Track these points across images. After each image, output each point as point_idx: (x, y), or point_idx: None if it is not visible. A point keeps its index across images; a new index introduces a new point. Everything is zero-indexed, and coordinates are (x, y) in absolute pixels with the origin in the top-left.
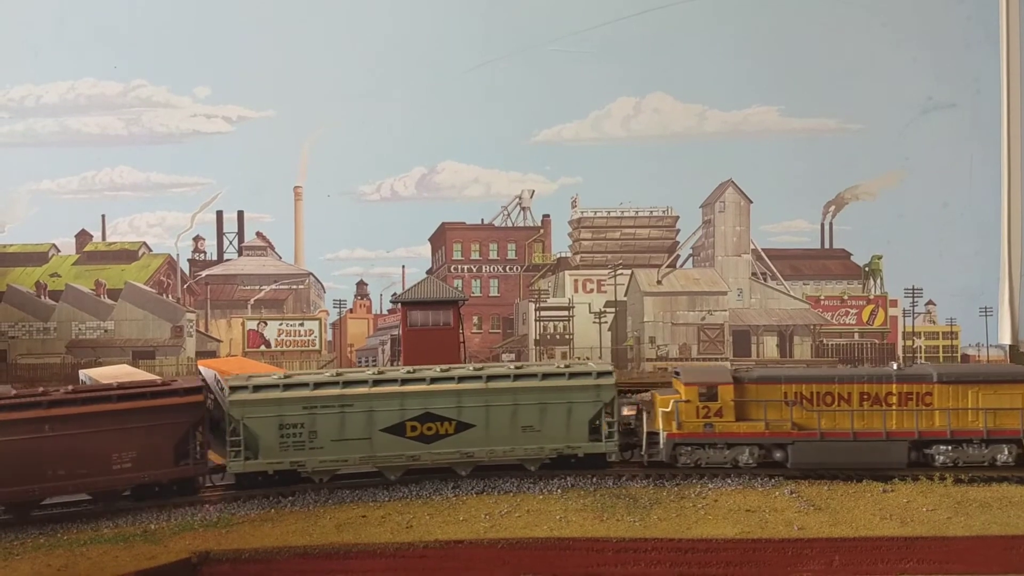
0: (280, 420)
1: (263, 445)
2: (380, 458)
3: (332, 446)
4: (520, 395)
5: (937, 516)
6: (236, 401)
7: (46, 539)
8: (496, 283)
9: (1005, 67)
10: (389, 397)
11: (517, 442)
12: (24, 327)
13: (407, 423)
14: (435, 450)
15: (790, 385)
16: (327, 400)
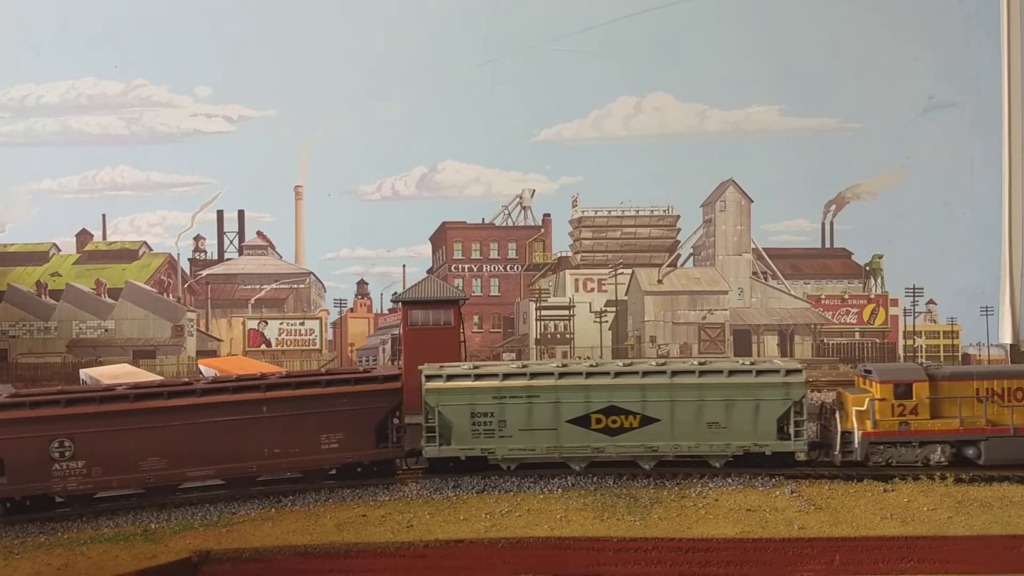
0: (472, 408)
1: (456, 432)
2: (566, 449)
3: (520, 435)
4: (706, 391)
5: (938, 516)
6: (432, 389)
7: (46, 538)
8: (497, 282)
9: (1006, 66)
10: (575, 389)
11: (702, 438)
12: (25, 326)
13: (592, 415)
14: (620, 443)
15: (982, 381)
16: (515, 391)
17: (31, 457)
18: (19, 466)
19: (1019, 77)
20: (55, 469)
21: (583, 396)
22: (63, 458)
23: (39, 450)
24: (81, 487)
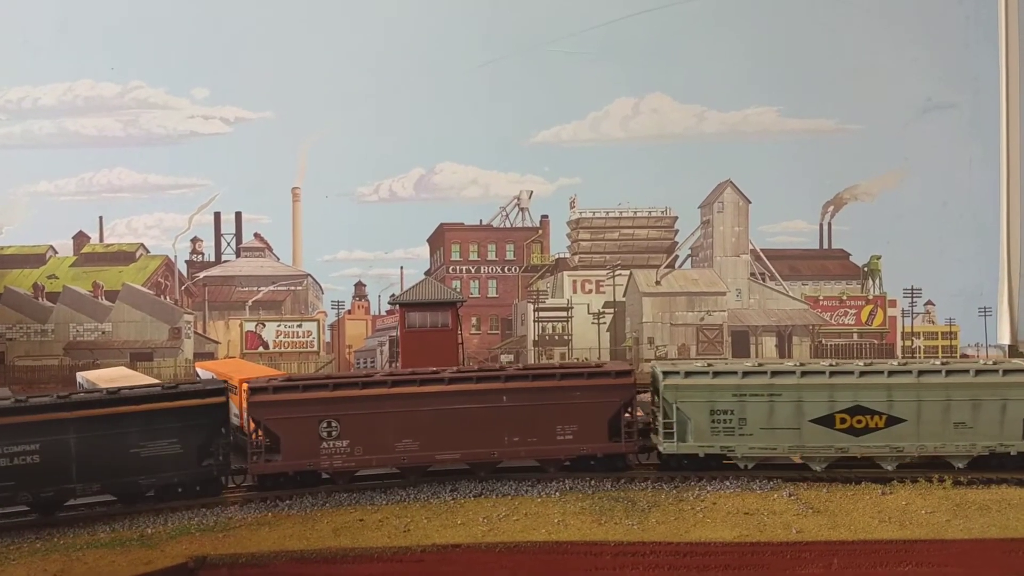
0: (711, 405)
1: (693, 428)
2: (808, 448)
3: (761, 434)
4: (953, 391)
5: (936, 519)
6: (670, 385)
7: (42, 543)
8: (495, 284)
9: (1004, 67)
10: (818, 388)
11: (948, 438)
12: (22, 329)
13: (836, 415)
14: (864, 443)
15: None
16: (756, 388)
17: (303, 436)
18: (293, 444)
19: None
20: (323, 447)
21: (827, 395)
22: (330, 437)
23: (310, 430)
24: (345, 465)
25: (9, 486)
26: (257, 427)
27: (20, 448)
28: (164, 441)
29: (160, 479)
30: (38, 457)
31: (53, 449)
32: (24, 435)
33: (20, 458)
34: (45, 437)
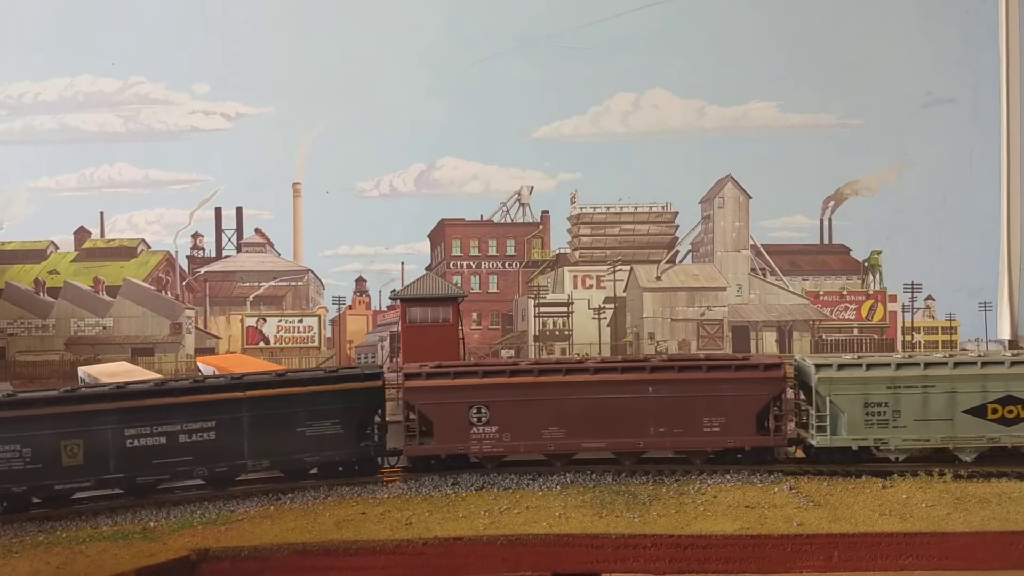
0: (865, 398)
1: (846, 421)
2: (960, 439)
3: (915, 426)
4: None
5: (936, 512)
6: (824, 379)
7: (45, 536)
8: (495, 279)
9: (1005, 62)
10: (971, 379)
11: None
12: (23, 324)
13: (988, 405)
14: (1015, 433)
15: None
16: (910, 380)
17: (454, 421)
18: (445, 429)
19: (1018, 73)
20: (473, 433)
21: (980, 386)
22: (480, 423)
23: (460, 415)
24: (494, 450)
25: (188, 461)
26: (411, 411)
27: (198, 425)
28: (327, 421)
29: (323, 457)
30: (214, 434)
31: (228, 427)
32: (202, 413)
33: (198, 435)
34: (221, 416)
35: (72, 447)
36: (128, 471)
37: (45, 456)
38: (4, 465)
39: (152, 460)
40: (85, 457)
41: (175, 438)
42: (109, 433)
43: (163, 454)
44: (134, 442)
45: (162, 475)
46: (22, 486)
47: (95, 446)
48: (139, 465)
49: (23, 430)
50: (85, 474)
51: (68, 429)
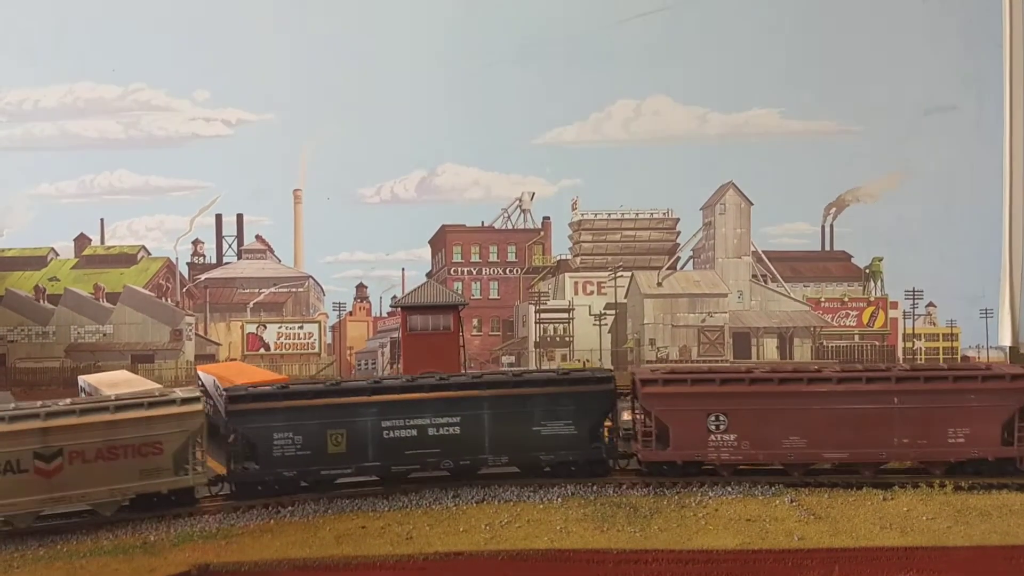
0: None
1: None
2: None
3: None
4: None
5: (937, 525)
6: None
7: (46, 551)
8: (496, 285)
9: (1007, 69)
10: None
11: None
12: (23, 331)
13: None
14: None
15: None
16: None
17: (691, 428)
18: (682, 435)
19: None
20: (711, 440)
21: None
22: (718, 431)
23: (698, 422)
24: (732, 458)
25: (436, 453)
26: (647, 417)
27: (444, 420)
28: (561, 422)
29: (557, 456)
30: (458, 429)
31: (471, 423)
32: (448, 409)
33: (444, 429)
34: (464, 412)
35: (337, 436)
36: (384, 460)
37: (314, 444)
38: (279, 451)
39: (405, 451)
40: (348, 446)
41: (425, 431)
42: (368, 424)
43: (414, 445)
44: (390, 433)
45: (413, 465)
46: (293, 471)
47: (357, 436)
48: (394, 455)
49: (295, 419)
50: (347, 461)
51: (334, 420)
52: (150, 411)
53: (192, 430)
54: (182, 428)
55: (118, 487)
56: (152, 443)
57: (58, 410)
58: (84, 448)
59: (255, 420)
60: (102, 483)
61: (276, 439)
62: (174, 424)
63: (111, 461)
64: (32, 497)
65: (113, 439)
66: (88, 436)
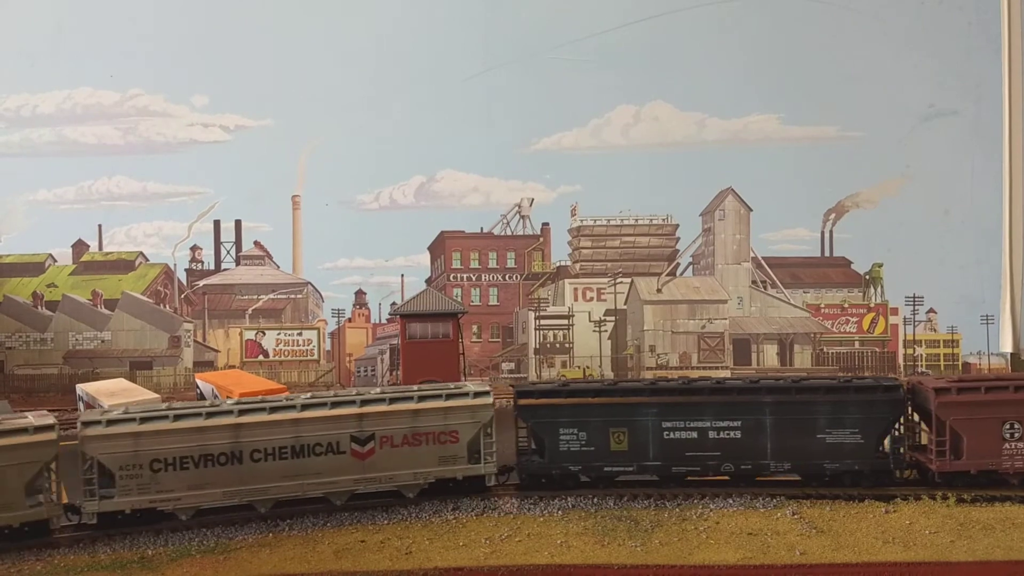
0: None
1: None
2: None
3: None
4: None
5: (940, 539)
6: None
7: (43, 566)
8: (496, 292)
9: (1007, 74)
10: None
11: None
12: (21, 338)
13: None
14: None
15: None
16: None
17: (986, 437)
18: (977, 445)
19: (1020, 85)
20: (1005, 449)
21: None
22: (1012, 439)
23: (993, 431)
24: None
25: (716, 456)
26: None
27: (725, 424)
28: (847, 430)
29: (843, 465)
30: (739, 433)
31: (753, 428)
32: (728, 413)
33: (725, 432)
34: (746, 416)
35: (619, 434)
36: (665, 460)
37: (597, 441)
38: (564, 446)
39: (685, 452)
40: (629, 444)
41: (705, 434)
42: (649, 424)
43: (695, 448)
44: (670, 434)
45: (693, 467)
46: (578, 465)
47: (638, 435)
48: (674, 456)
49: (580, 416)
50: (628, 459)
51: (616, 418)
52: (448, 403)
53: (484, 421)
54: (475, 419)
55: (420, 471)
56: (450, 432)
57: (371, 398)
58: (393, 434)
59: (543, 415)
60: (407, 467)
61: (562, 434)
62: (468, 415)
63: (415, 447)
64: (349, 476)
65: (417, 427)
66: (396, 423)
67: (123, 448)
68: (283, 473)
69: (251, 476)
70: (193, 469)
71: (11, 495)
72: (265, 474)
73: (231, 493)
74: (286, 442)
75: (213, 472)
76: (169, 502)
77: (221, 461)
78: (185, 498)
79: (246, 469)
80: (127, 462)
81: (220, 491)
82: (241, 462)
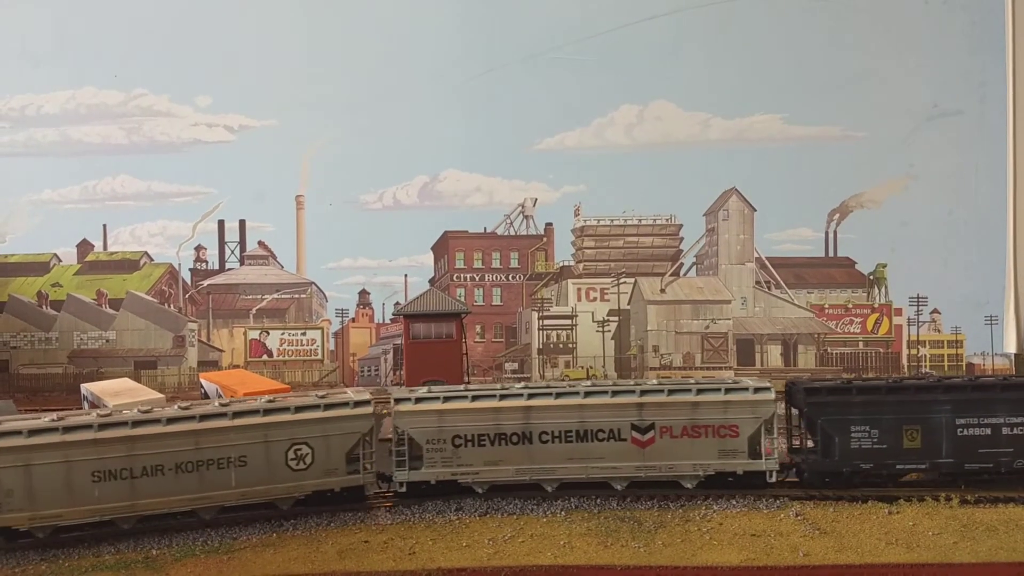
0: None
1: None
2: None
3: None
4: None
5: (943, 540)
6: None
7: (48, 566)
8: (499, 292)
9: (1011, 74)
10: None
11: None
12: (26, 337)
13: None
14: None
15: None
16: None
17: None
18: None
19: None
20: None
21: None
22: None
23: None
24: None
25: (1008, 453)
26: None
27: (1019, 420)
28: None
29: None
30: None
31: None
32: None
33: (1019, 429)
34: None
35: (912, 432)
36: (958, 457)
37: (889, 438)
38: (856, 444)
39: (978, 449)
40: (922, 441)
41: (999, 430)
42: (943, 421)
43: (988, 444)
44: (964, 431)
45: (986, 464)
46: (870, 463)
47: (931, 432)
48: (967, 453)
49: (872, 413)
50: (921, 457)
51: (909, 415)
52: (727, 396)
53: (765, 417)
54: (755, 414)
55: (700, 463)
56: (729, 426)
57: (650, 388)
58: (672, 424)
59: (833, 412)
60: (686, 457)
61: (853, 432)
62: (748, 410)
63: (694, 439)
64: (630, 463)
65: (696, 419)
66: (675, 414)
67: (430, 424)
68: (568, 456)
69: (540, 456)
70: (489, 447)
71: (336, 462)
72: (552, 455)
73: (522, 471)
74: (572, 426)
75: (506, 450)
76: (468, 475)
77: (513, 440)
78: (482, 473)
79: (536, 449)
80: (433, 436)
81: (513, 468)
82: (531, 443)
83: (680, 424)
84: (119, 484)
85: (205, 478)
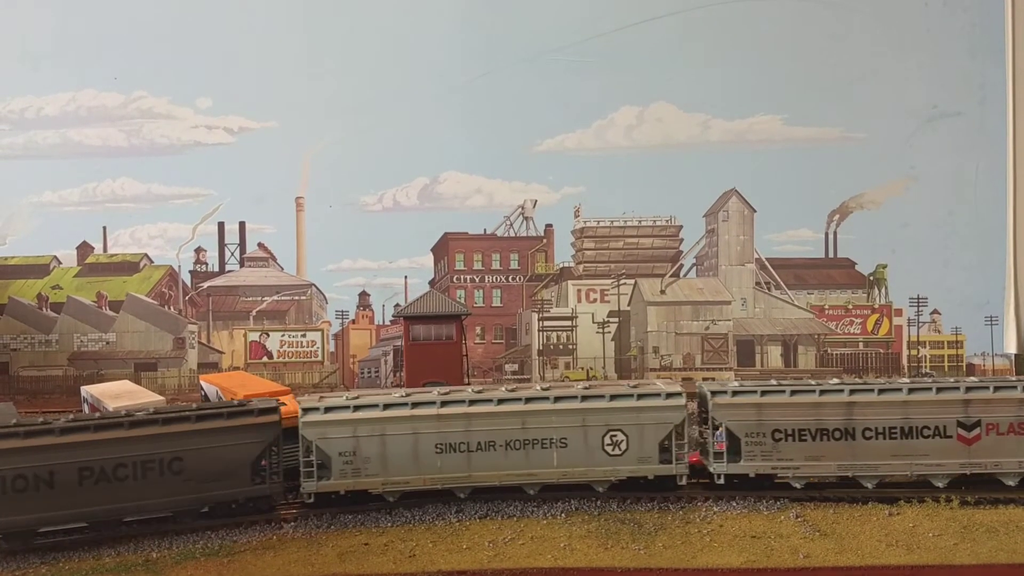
0: None
1: None
2: None
3: None
4: None
5: (944, 542)
6: None
7: (48, 568)
8: (499, 293)
9: (1011, 75)
10: None
11: None
12: (26, 339)
13: None
14: None
15: None
16: None
17: None
18: None
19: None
20: None
21: None
22: None
23: None
24: None
25: None
26: None
27: None
28: None
29: None
30: None
31: None
32: None
33: None
34: None
35: None
36: None
37: None
38: None
39: None
40: None
41: None
42: None
43: None
44: None
45: None
46: None
47: None
48: None
49: None
50: None
51: None
52: None
53: None
54: None
55: None
56: None
57: (975, 384)
58: (999, 421)
59: None
60: (1012, 455)
61: None
62: None
63: (1020, 436)
64: (955, 460)
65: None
66: (1002, 411)
67: (749, 417)
68: (892, 452)
69: (862, 452)
70: (810, 441)
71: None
72: (875, 452)
73: (844, 467)
74: (896, 423)
75: (827, 446)
76: (789, 469)
77: (835, 436)
78: (803, 467)
79: (858, 445)
80: (752, 430)
81: (834, 464)
82: (854, 438)
83: (1007, 421)
84: (458, 456)
85: (531, 456)
